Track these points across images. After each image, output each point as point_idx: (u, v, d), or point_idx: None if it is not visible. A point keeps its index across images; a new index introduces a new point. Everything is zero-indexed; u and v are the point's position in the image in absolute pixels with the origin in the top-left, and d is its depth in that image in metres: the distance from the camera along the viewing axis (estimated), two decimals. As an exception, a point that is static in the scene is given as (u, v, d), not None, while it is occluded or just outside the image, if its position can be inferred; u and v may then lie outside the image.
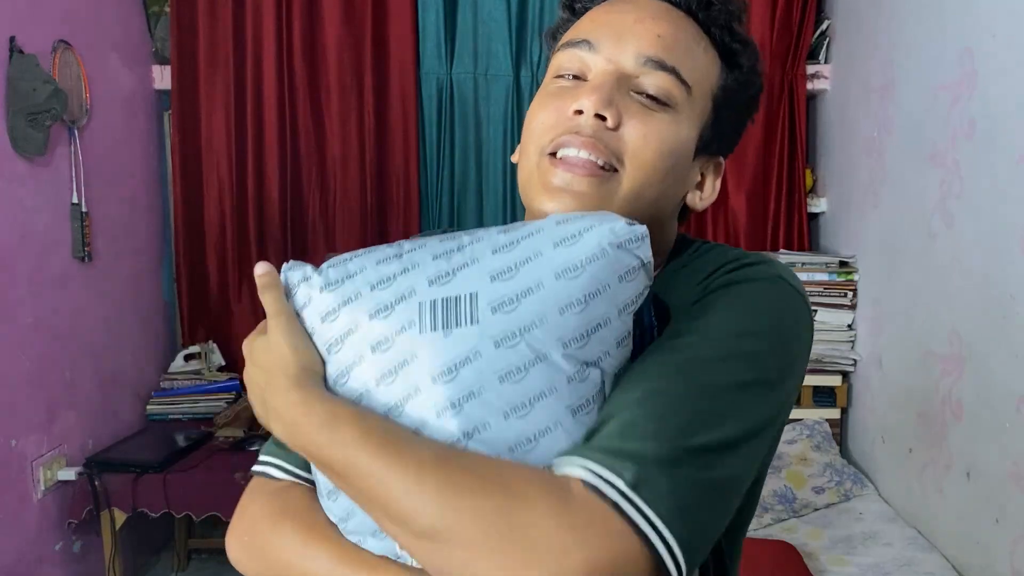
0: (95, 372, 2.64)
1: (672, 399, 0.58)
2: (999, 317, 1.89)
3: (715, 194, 0.80)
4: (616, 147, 0.68)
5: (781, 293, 0.69)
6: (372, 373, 0.62)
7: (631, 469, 0.54)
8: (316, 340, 0.65)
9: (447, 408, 0.59)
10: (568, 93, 0.71)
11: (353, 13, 3.08)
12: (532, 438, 0.58)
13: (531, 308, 0.60)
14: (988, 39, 1.96)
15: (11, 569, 2.23)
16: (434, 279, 0.62)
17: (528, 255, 0.62)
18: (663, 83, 0.70)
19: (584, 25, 0.74)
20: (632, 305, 0.63)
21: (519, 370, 0.59)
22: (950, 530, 2.12)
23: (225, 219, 3.10)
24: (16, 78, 2.24)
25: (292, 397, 0.62)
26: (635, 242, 0.63)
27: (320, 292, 0.66)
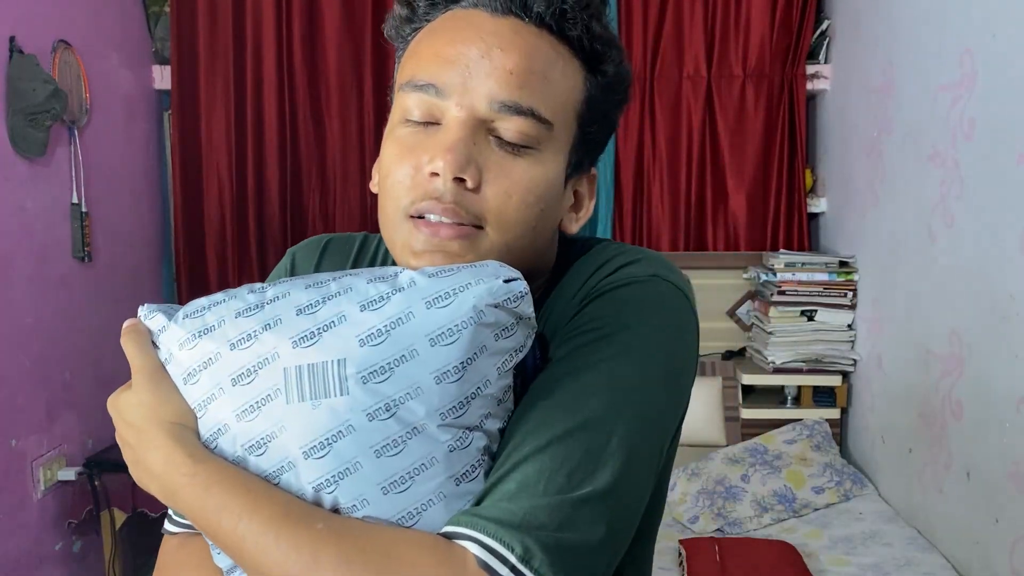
0: (95, 372, 2.63)
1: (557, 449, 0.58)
2: (999, 317, 1.89)
3: (591, 210, 0.76)
4: (478, 209, 0.64)
5: (656, 292, 0.68)
6: (242, 440, 0.58)
7: (521, 541, 0.54)
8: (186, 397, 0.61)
9: (323, 485, 0.56)
10: (422, 144, 0.65)
11: (353, 13, 3.07)
12: (414, 512, 0.57)
13: (404, 378, 0.56)
14: (988, 39, 1.96)
15: (11, 569, 2.23)
16: (298, 339, 0.58)
17: (399, 315, 0.57)
18: (521, 127, 0.64)
19: (427, 61, 0.66)
20: (512, 360, 0.61)
21: (395, 443, 0.56)
22: (950, 530, 2.12)
23: (225, 219, 3.10)
24: (16, 78, 2.23)
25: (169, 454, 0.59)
26: (513, 300, 0.59)
27: (179, 348, 0.62)
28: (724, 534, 2.36)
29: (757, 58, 3.08)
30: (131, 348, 0.64)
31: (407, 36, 0.72)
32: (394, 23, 0.73)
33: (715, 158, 3.15)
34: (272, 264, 3.10)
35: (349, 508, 0.56)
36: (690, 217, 3.15)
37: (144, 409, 0.61)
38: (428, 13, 0.70)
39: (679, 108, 3.12)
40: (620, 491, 0.59)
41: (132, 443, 0.63)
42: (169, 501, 0.60)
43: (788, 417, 2.80)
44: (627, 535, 0.62)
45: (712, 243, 3.16)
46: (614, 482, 0.59)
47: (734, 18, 3.08)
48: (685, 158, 3.14)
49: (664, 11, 3.09)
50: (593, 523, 0.57)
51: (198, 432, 0.61)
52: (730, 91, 3.11)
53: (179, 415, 0.61)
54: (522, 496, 0.57)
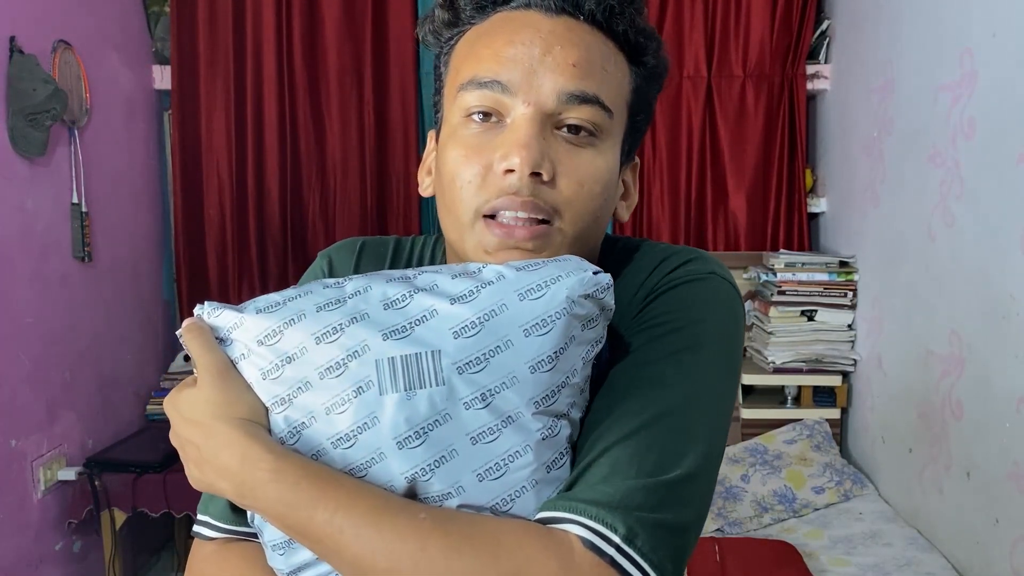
0: (95, 372, 2.64)
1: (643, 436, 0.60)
2: (999, 317, 1.89)
3: (636, 197, 0.80)
4: (553, 200, 0.66)
5: (717, 290, 0.71)
6: (327, 433, 0.58)
7: (624, 521, 0.55)
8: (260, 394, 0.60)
9: (418, 474, 0.56)
10: (489, 143, 0.66)
11: (353, 13, 3.08)
12: (508, 499, 0.57)
13: (500, 367, 0.57)
14: (988, 39, 1.96)
15: (11, 569, 2.23)
16: (388, 332, 0.58)
17: (492, 307, 0.58)
18: (588, 115, 0.67)
19: (487, 61, 0.67)
20: (594, 350, 0.63)
21: (490, 431, 0.57)
22: (950, 530, 2.12)
23: (225, 219, 3.10)
24: (16, 78, 2.23)
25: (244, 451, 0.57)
26: (602, 291, 0.61)
27: (258, 345, 0.60)
28: (724, 534, 2.36)
29: (757, 58, 3.08)
30: (196, 346, 0.62)
31: (447, 40, 0.73)
32: (432, 27, 0.74)
33: (715, 158, 3.15)
34: (272, 265, 3.11)
35: (443, 495, 0.57)
36: (690, 217, 3.15)
37: (212, 407, 0.60)
38: (473, 17, 0.71)
39: (679, 108, 3.12)
40: (704, 475, 0.61)
41: (198, 442, 0.60)
42: (246, 499, 0.58)
43: (788, 417, 2.80)
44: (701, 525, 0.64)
45: (712, 243, 3.16)
46: (699, 467, 0.60)
47: (734, 18, 3.08)
48: (685, 158, 3.14)
49: (664, 11, 3.09)
50: (685, 504, 0.59)
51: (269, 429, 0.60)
52: (730, 91, 3.11)
53: (251, 412, 0.60)
54: (616, 479, 0.57)
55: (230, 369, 0.61)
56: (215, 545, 0.70)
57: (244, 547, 0.68)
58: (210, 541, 0.70)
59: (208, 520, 0.71)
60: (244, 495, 0.58)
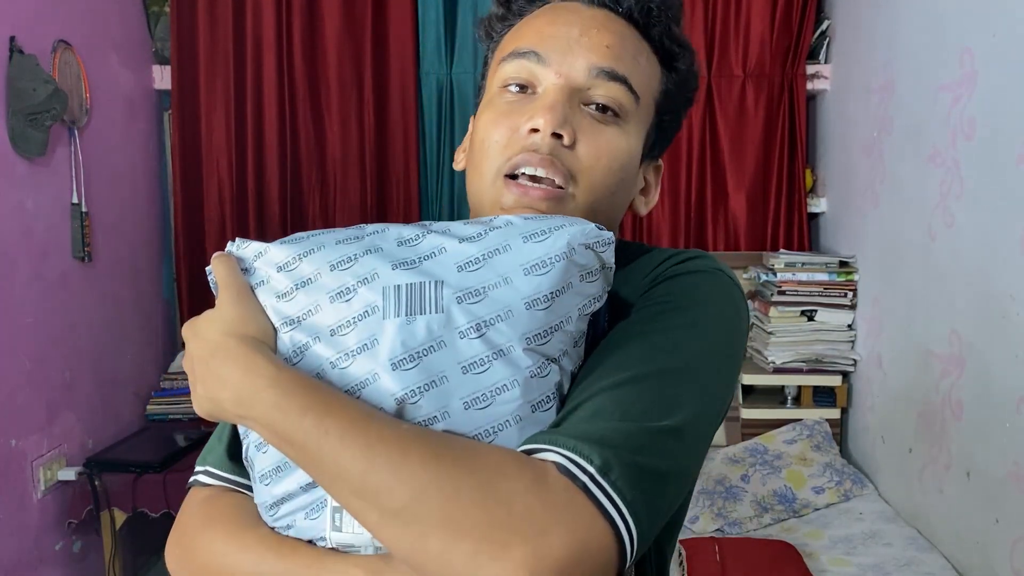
0: (95, 372, 2.64)
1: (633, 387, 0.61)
2: (999, 317, 1.89)
3: (657, 197, 0.82)
4: (571, 164, 0.70)
5: (721, 284, 0.72)
6: (328, 354, 0.60)
7: (600, 454, 0.56)
8: (271, 316, 0.63)
9: (407, 396, 0.58)
10: (519, 109, 0.71)
11: (353, 13, 3.08)
12: (490, 430, 0.59)
13: (497, 301, 0.60)
14: (988, 39, 1.96)
15: (11, 569, 2.23)
16: (398, 263, 0.61)
17: (496, 246, 0.61)
18: (615, 93, 0.71)
19: (528, 36, 0.74)
20: (591, 306, 0.64)
21: (481, 362, 0.59)
22: (950, 530, 2.12)
23: (225, 219, 3.10)
24: (16, 78, 2.24)
25: (246, 362, 0.59)
26: (602, 245, 0.64)
27: (277, 271, 0.64)
28: (724, 534, 2.36)
29: (757, 58, 3.09)
30: (220, 268, 0.65)
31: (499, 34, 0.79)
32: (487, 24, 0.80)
33: (715, 158, 3.15)
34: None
35: (430, 419, 0.58)
36: (690, 217, 3.15)
37: (225, 324, 0.62)
38: (523, 9, 0.77)
39: (679, 108, 3.12)
40: (688, 436, 0.61)
41: (207, 356, 0.62)
42: (243, 407, 0.59)
43: (788, 417, 2.80)
44: (689, 482, 0.64)
45: (712, 243, 3.16)
46: (684, 425, 0.61)
47: (734, 18, 3.08)
48: (685, 158, 3.14)
49: (664, 11, 3.08)
50: (665, 454, 0.59)
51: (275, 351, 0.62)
52: (730, 91, 3.11)
53: (260, 332, 0.62)
54: (598, 419, 0.58)
55: (247, 292, 0.65)
56: (209, 491, 0.72)
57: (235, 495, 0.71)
58: (206, 488, 0.73)
59: (206, 468, 0.74)
60: (242, 404, 0.59)
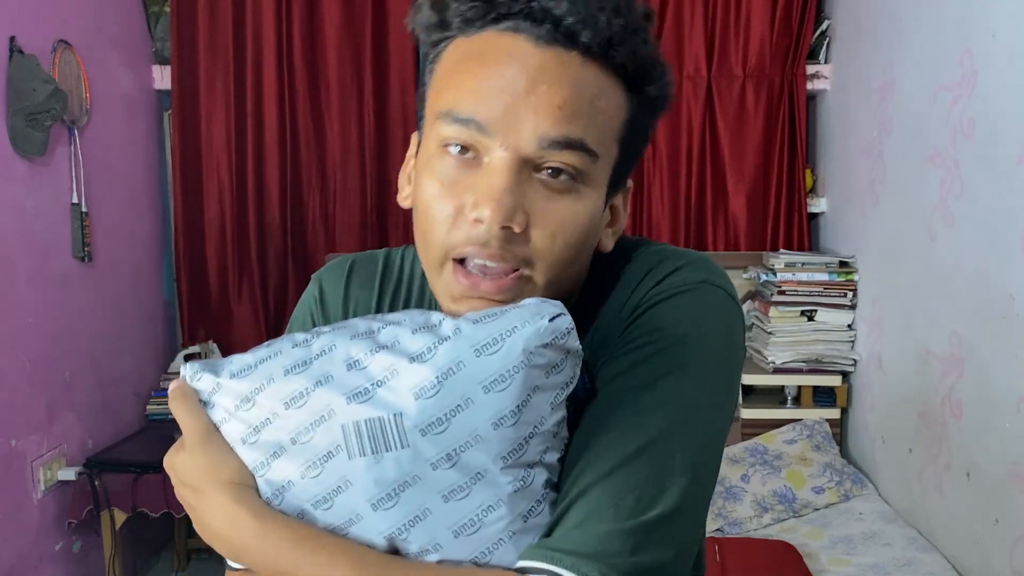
0: (95, 372, 2.64)
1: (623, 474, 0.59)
2: (999, 317, 1.89)
3: (625, 221, 0.74)
4: (524, 252, 0.63)
5: (706, 300, 0.67)
6: (307, 496, 0.59)
7: (598, 569, 0.55)
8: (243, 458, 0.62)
9: (395, 533, 0.58)
10: (463, 183, 0.63)
11: (353, 13, 3.08)
12: (486, 551, 0.58)
13: (462, 427, 0.57)
14: (988, 39, 1.96)
15: (11, 569, 2.23)
16: (351, 395, 0.58)
17: (449, 365, 0.58)
18: (569, 160, 0.62)
19: (465, 91, 0.63)
20: (564, 392, 0.61)
21: (461, 489, 0.57)
22: (950, 530, 2.12)
23: (225, 219, 3.10)
24: (16, 78, 2.24)
25: (233, 516, 0.59)
26: (560, 338, 0.60)
27: (235, 409, 0.62)
28: (724, 534, 2.36)
29: (757, 58, 3.08)
30: (180, 411, 0.63)
31: (436, 42, 0.68)
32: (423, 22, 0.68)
33: (715, 158, 3.15)
34: (272, 265, 3.11)
35: (422, 552, 0.58)
36: (690, 217, 3.15)
37: (200, 471, 0.61)
38: (462, 29, 0.65)
39: (679, 108, 3.12)
40: (688, 509, 0.60)
41: (192, 504, 0.63)
42: (239, 559, 0.61)
43: (788, 417, 2.80)
44: (695, 550, 0.63)
45: (712, 243, 3.16)
46: (681, 501, 0.59)
47: (734, 18, 3.08)
48: (685, 158, 3.14)
49: (664, 11, 3.09)
50: (665, 544, 0.58)
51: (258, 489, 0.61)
52: (730, 91, 3.11)
53: (237, 474, 0.61)
54: (592, 524, 0.57)
55: (212, 433, 0.62)
56: None
57: None
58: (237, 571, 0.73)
59: None
60: (236, 556, 0.61)
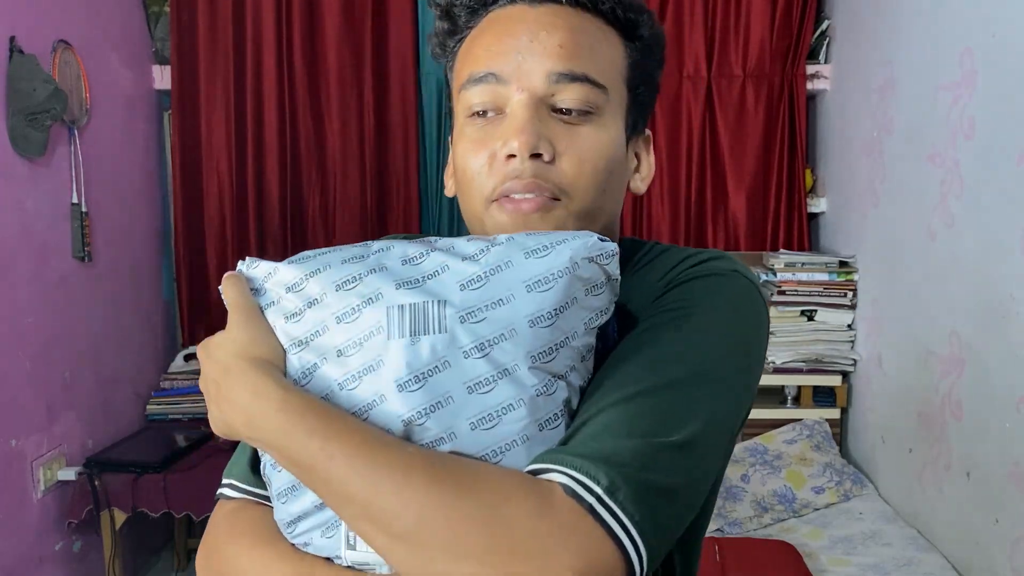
0: (95, 372, 2.64)
1: (641, 401, 0.60)
2: (999, 317, 1.89)
3: (653, 167, 0.80)
4: (557, 179, 0.69)
5: (738, 287, 0.71)
6: (336, 375, 0.61)
7: (607, 474, 0.56)
8: (280, 337, 0.64)
9: (414, 417, 0.58)
10: (492, 133, 0.70)
11: (353, 13, 3.08)
12: (498, 450, 0.59)
13: (500, 320, 0.59)
14: (988, 39, 1.96)
15: (11, 569, 2.23)
16: (401, 283, 0.61)
17: (498, 263, 0.61)
18: (580, 94, 0.69)
19: (480, 57, 0.71)
20: (598, 319, 0.64)
21: (487, 382, 0.58)
22: (950, 530, 2.12)
23: (225, 219, 3.10)
24: (16, 78, 2.23)
25: (255, 385, 0.60)
26: (606, 258, 0.63)
27: (286, 292, 0.64)
28: (724, 534, 2.36)
29: (757, 58, 3.08)
30: (230, 290, 0.66)
31: (453, 49, 0.77)
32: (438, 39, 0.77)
33: (715, 158, 3.15)
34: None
35: (437, 440, 0.58)
36: (690, 217, 3.15)
37: (235, 346, 0.63)
38: (470, 21, 0.74)
39: (679, 108, 3.12)
40: (700, 448, 0.61)
41: (219, 378, 0.63)
42: (254, 431, 0.61)
43: (788, 417, 2.80)
44: (702, 494, 0.63)
45: (712, 243, 3.16)
46: (694, 438, 0.60)
47: (734, 18, 3.08)
48: (685, 158, 3.14)
49: (664, 11, 3.09)
50: (675, 470, 0.59)
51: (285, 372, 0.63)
52: (730, 91, 3.11)
53: (269, 353, 0.63)
54: (606, 436, 0.58)
55: (257, 313, 0.65)
56: (233, 504, 0.73)
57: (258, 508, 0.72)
58: (229, 501, 0.74)
59: (230, 482, 0.75)
60: (252, 426, 0.61)
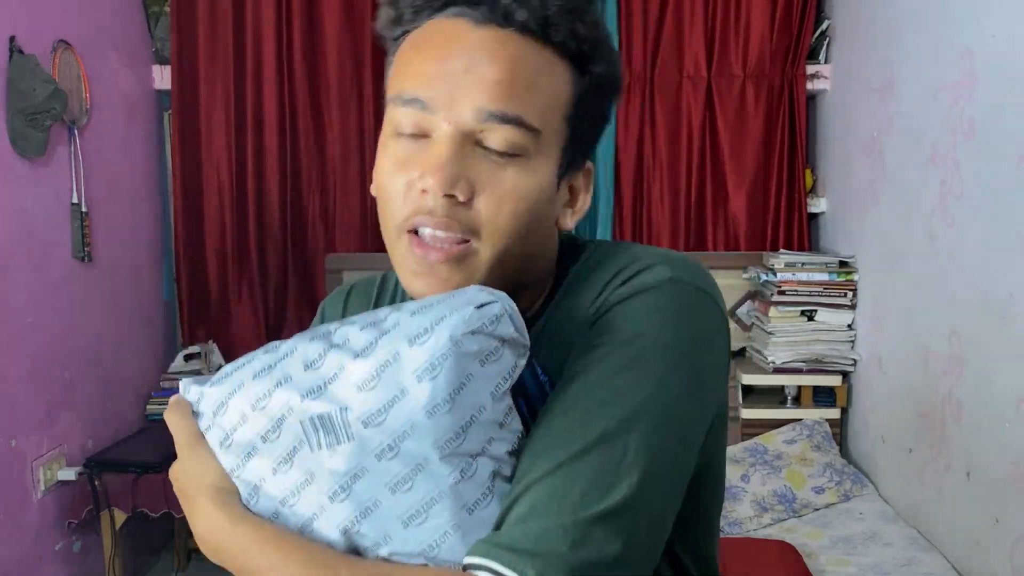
0: (95, 372, 2.64)
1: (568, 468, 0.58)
2: (999, 317, 1.89)
3: (587, 203, 0.75)
4: (470, 221, 0.65)
5: (675, 297, 0.66)
6: (276, 493, 0.62)
7: (534, 566, 0.55)
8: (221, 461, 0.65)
9: (348, 526, 0.60)
10: (413, 159, 0.66)
11: (353, 13, 3.08)
12: (434, 544, 0.59)
13: (400, 416, 0.58)
14: (988, 39, 1.96)
15: (11, 569, 2.23)
16: (306, 393, 0.61)
17: (388, 358, 0.59)
18: (508, 136, 0.64)
19: (413, 75, 0.67)
20: (505, 383, 0.61)
21: (405, 480, 0.59)
22: (950, 530, 2.12)
23: (225, 219, 3.10)
24: (16, 78, 2.23)
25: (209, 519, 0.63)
26: (490, 325, 0.60)
27: (214, 415, 0.66)
28: (724, 534, 2.36)
29: (757, 58, 3.09)
30: (172, 420, 0.68)
31: (395, 37, 0.72)
32: (383, 22, 0.73)
33: (715, 158, 3.15)
34: (272, 265, 3.11)
35: (375, 544, 0.60)
36: (690, 217, 3.15)
37: (187, 477, 0.66)
38: (413, 20, 0.70)
39: (679, 108, 3.12)
40: (639, 504, 0.59)
41: (186, 509, 0.67)
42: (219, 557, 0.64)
43: (788, 417, 2.80)
44: (651, 547, 0.61)
45: (712, 243, 3.16)
46: (631, 496, 0.58)
47: (734, 18, 3.08)
48: (685, 158, 3.14)
49: (664, 11, 3.09)
50: (608, 540, 0.57)
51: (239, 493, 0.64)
52: (730, 91, 3.11)
53: (220, 479, 0.64)
54: (533, 519, 0.57)
55: (199, 441, 0.66)
56: None
57: None
58: None
59: None
60: (216, 556, 0.64)
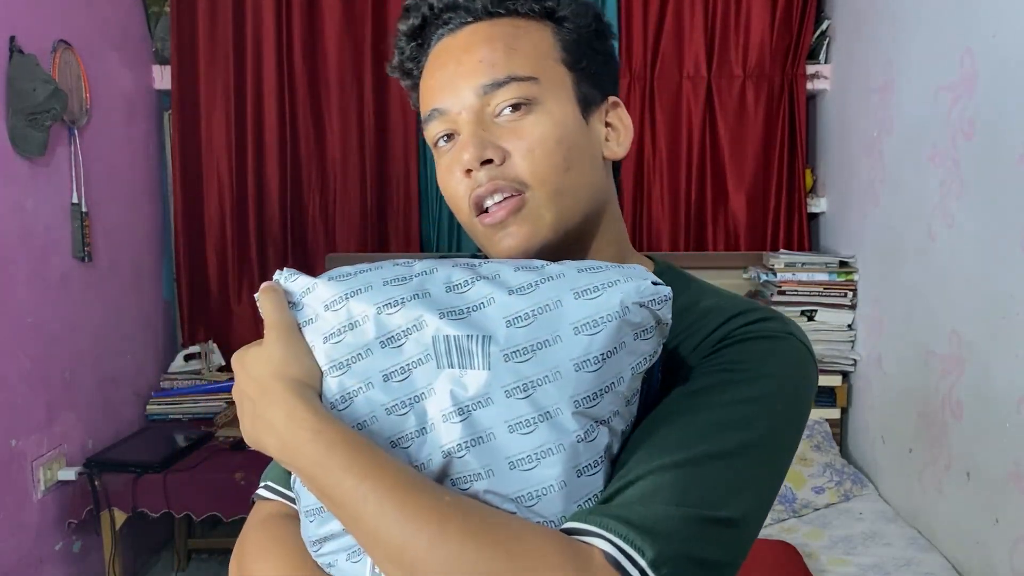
0: (95, 372, 2.64)
1: (692, 469, 0.59)
2: (999, 317, 1.89)
3: (630, 130, 0.80)
4: (514, 176, 0.71)
5: (793, 352, 0.70)
6: (383, 401, 0.60)
7: (652, 546, 0.54)
8: (318, 358, 0.63)
9: (455, 449, 0.57)
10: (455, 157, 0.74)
11: (353, 13, 3.08)
12: (534, 494, 0.57)
13: (545, 361, 0.58)
14: (988, 39, 1.96)
15: (11, 569, 2.23)
16: (445, 312, 0.60)
17: (547, 302, 0.59)
18: (510, 94, 0.71)
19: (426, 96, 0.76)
20: (645, 364, 0.62)
21: (528, 423, 0.57)
22: (950, 530, 2.12)
23: (225, 219, 3.10)
24: (16, 78, 2.23)
25: (291, 410, 0.59)
26: (658, 303, 0.61)
27: (324, 310, 0.63)
28: (724, 534, 2.36)
29: (757, 58, 3.09)
30: (267, 305, 0.65)
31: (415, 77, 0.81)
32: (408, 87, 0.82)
33: (715, 158, 3.15)
34: (272, 265, 3.11)
35: (474, 475, 0.58)
36: (690, 217, 3.15)
37: (272, 365, 0.62)
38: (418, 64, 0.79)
39: (679, 108, 3.12)
40: (749, 523, 0.60)
41: (253, 397, 0.62)
42: (287, 456, 0.60)
43: (788, 417, 2.80)
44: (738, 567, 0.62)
45: (712, 243, 3.16)
46: (745, 514, 0.59)
47: (734, 18, 3.08)
48: (685, 158, 3.14)
49: (664, 11, 3.09)
50: (721, 546, 0.57)
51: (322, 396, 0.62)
52: (730, 91, 3.11)
53: (305, 374, 0.62)
54: (655, 502, 0.56)
55: (294, 330, 0.64)
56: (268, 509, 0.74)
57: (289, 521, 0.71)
58: (267, 502, 0.75)
59: (268, 483, 0.76)
60: (285, 452, 0.60)
